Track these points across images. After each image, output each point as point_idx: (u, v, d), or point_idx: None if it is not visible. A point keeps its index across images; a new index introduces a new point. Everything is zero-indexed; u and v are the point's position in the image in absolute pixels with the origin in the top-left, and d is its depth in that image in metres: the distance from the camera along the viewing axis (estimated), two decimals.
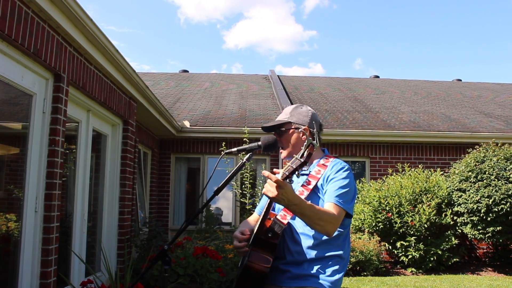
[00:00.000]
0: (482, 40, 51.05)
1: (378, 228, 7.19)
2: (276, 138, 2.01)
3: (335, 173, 1.88)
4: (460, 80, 16.75)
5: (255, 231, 1.84)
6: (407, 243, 6.94)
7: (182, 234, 1.87)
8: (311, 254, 1.85)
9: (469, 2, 45.06)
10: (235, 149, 2.02)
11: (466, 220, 6.86)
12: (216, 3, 59.50)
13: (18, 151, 3.42)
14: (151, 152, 8.11)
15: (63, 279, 3.68)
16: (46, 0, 3.02)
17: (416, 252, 6.86)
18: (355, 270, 6.71)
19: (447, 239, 6.97)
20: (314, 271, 1.83)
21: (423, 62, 58.69)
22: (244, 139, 7.57)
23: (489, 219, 6.51)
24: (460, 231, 7.27)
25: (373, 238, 7.22)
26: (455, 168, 7.41)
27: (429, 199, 7.05)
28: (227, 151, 2.03)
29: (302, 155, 1.63)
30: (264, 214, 1.84)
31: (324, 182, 1.89)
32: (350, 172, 1.90)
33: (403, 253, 7.05)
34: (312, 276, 1.83)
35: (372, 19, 51.18)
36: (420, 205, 6.95)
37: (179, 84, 13.23)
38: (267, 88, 12.86)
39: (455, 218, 7.09)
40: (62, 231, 3.64)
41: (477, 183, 6.73)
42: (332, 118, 9.30)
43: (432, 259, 6.84)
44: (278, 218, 1.85)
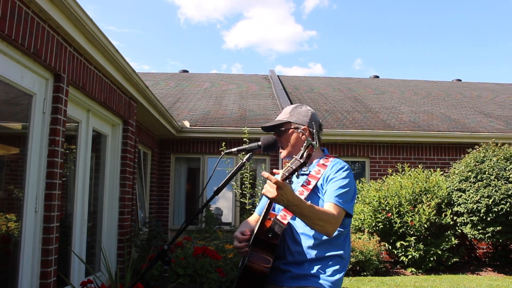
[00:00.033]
0: (482, 40, 51.11)
1: (378, 228, 7.19)
2: (276, 138, 2.01)
3: (334, 173, 1.88)
4: (460, 80, 16.75)
5: (255, 232, 1.84)
6: (407, 243, 6.94)
7: (182, 234, 1.88)
8: (312, 254, 1.85)
9: (468, 2, 45.11)
10: (235, 149, 2.02)
11: (466, 220, 6.86)
12: (216, 3, 59.57)
13: (18, 151, 3.43)
14: (151, 152, 8.11)
15: (63, 279, 3.68)
16: (46, 0, 3.02)
17: (416, 252, 6.86)
18: (355, 270, 6.72)
19: (447, 239, 6.98)
20: (315, 271, 1.83)
21: (423, 62, 58.75)
22: (244, 139, 7.57)
23: (489, 219, 6.51)
24: (460, 231, 7.27)
25: (373, 238, 7.22)
26: (455, 168, 7.41)
27: (429, 199, 7.05)
28: (227, 151, 2.03)
29: (302, 156, 1.64)
30: (264, 215, 1.84)
31: (324, 182, 1.89)
32: (350, 172, 1.90)
33: (403, 253, 7.05)
34: (313, 276, 1.83)
35: (372, 19, 51.23)
36: (420, 205, 6.95)
37: (179, 84, 13.23)
38: (267, 88, 12.86)
39: (455, 218, 7.09)
40: (62, 231, 3.64)
41: (477, 183, 6.73)
42: (332, 118, 9.31)
43: (432, 259, 6.84)
44: (278, 218, 1.85)
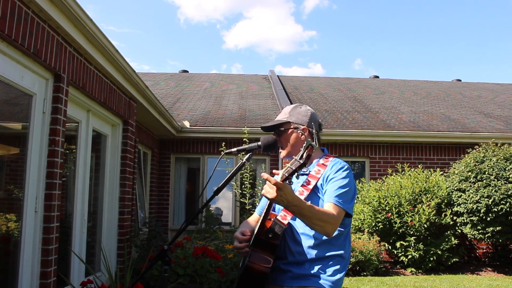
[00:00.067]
0: (481, 40, 51.13)
1: (377, 228, 7.19)
2: (276, 138, 2.01)
3: (334, 172, 1.88)
4: (460, 80, 16.75)
5: (256, 232, 1.84)
6: (407, 243, 6.94)
7: (182, 234, 1.88)
8: (312, 254, 1.85)
9: (468, 3, 45.12)
10: (235, 149, 2.02)
11: (465, 220, 6.87)
12: (216, 4, 59.57)
13: (18, 151, 3.43)
14: (151, 152, 8.11)
15: (63, 279, 3.68)
16: (46, 0, 3.02)
17: (416, 252, 6.86)
18: (354, 270, 6.72)
19: (447, 239, 6.98)
20: (315, 271, 1.84)
21: (423, 62, 58.76)
22: (244, 139, 7.57)
23: (488, 219, 6.51)
24: (459, 231, 7.27)
25: (372, 238, 7.22)
26: (454, 168, 7.41)
27: (428, 199, 7.05)
28: (227, 151, 2.03)
29: (302, 157, 1.64)
30: (264, 215, 1.84)
31: (323, 182, 1.89)
32: (349, 172, 1.90)
33: (403, 253, 7.05)
34: (313, 276, 1.83)
35: (372, 19, 51.23)
36: (420, 205, 6.95)
37: (179, 84, 13.23)
38: (266, 88, 12.86)
39: (454, 218, 7.09)
40: (62, 231, 3.64)
41: (476, 183, 6.73)
42: (332, 118, 9.31)
43: (431, 259, 6.84)
44: (279, 218, 1.85)
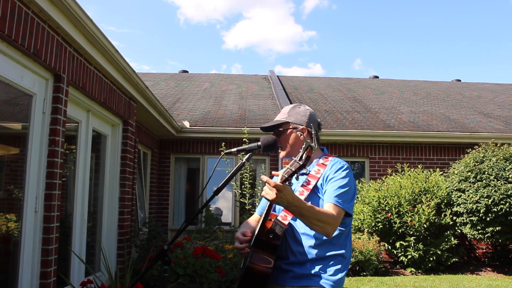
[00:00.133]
0: (481, 40, 51.13)
1: (377, 228, 7.20)
2: (276, 138, 2.02)
3: (334, 172, 1.88)
4: (460, 80, 16.76)
5: (256, 233, 1.84)
6: (407, 243, 6.95)
7: (181, 234, 1.88)
8: (313, 254, 1.85)
9: (468, 3, 45.14)
10: (234, 149, 2.02)
11: (465, 220, 6.87)
12: (216, 4, 59.56)
13: (18, 151, 3.43)
14: (150, 152, 8.11)
15: (63, 279, 3.68)
16: (46, 0, 3.02)
17: (416, 252, 6.87)
18: (354, 270, 6.72)
19: (447, 239, 6.98)
20: (317, 271, 1.84)
21: (423, 62, 58.76)
22: (244, 140, 7.58)
23: (488, 219, 6.52)
24: (459, 231, 7.28)
25: (372, 238, 7.22)
26: (454, 168, 7.42)
27: (428, 199, 7.06)
28: (227, 151, 2.03)
29: (301, 158, 1.64)
30: (265, 216, 1.85)
31: (323, 181, 1.89)
32: (349, 171, 1.91)
33: (403, 253, 7.06)
34: (315, 276, 1.84)
35: (372, 19, 51.24)
36: (420, 205, 6.95)
37: (178, 85, 13.24)
38: (266, 89, 12.87)
39: (454, 218, 7.10)
40: (62, 231, 3.64)
41: (476, 183, 6.74)
42: (332, 118, 9.31)
43: (431, 259, 6.85)
44: (279, 219, 1.86)
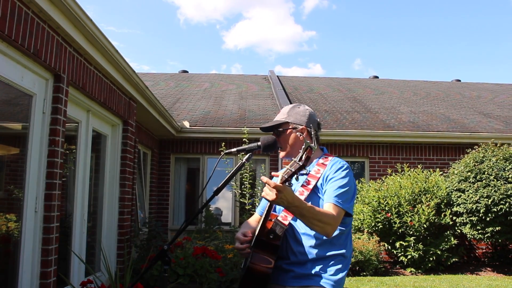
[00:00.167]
0: (481, 40, 51.14)
1: (377, 228, 7.20)
2: (275, 138, 2.02)
3: (334, 172, 1.88)
4: (459, 80, 16.76)
5: (257, 233, 1.85)
6: (406, 243, 6.95)
7: (181, 234, 1.88)
8: (314, 254, 1.86)
9: (468, 3, 45.14)
10: (234, 149, 2.02)
11: (465, 220, 6.87)
12: (216, 4, 59.56)
13: (18, 151, 3.43)
14: (150, 152, 8.11)
15: (63, 279, 3.68)
16: (46, 0, 3.03)
17: (415, 252, 6.87)
18: (354, 270, 6.72)
19: (446, 239, 6.98)
20: (317, 271, 1.84)
21: (423, 62, 58.76)
22: (244, 140, 7.58)
23: (488, 219, 6.52)
24: (459, 231, 7.28)
25: (372, 238, 7.22)
26: (454, 168, 7.42)
27: (428, 199, 7.06)
28: (227, 151, 2.03)
29: (301, 159, 1.64)
30: (265, 216, 1.85)
31: (323, 181, 1.89)
32: (349, 171, 1.91)
33: (402, 253, 7.06)
34: (316, 276, 1.84)
35: (372, 19, 51.24)
36: (419, 205, 6.95)
37: (178, 85, 13.24)
38: (266, 89, 12.87)
39: (454, 218, 7.10)
40: (62, 231, 3.64)
41: (476, 183, 6.74)
42: (332, 118, 9.32)
43: (431, 259, 6.85)
44: (279, 219, 1.86)
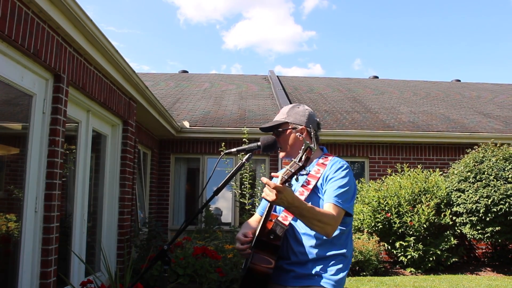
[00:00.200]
0: (481, 41, 51.14)
1: (377, 228, 7.20)
2: (275, 138, 2.02)
3: (334, 172, 1.88)
4: (459, 80, 16.77)
5: (257, 233, 1.85)
6: (406, 243, 6.95)
7: (181, 234, 1.88)
8: (315, 254, 1.86)
9: (468, 3, 45.15)
10: (234, 149, 2.02)
11: (465, 220, 6.87)
12: (216, 4, 59.55)
13: (18, 151, 3.43)
14: (150, 152, 8.11)
15: (63, 279, 3.68)
16: (46, 0, 3.03)
17: (415, 252, 6.87)
18: (354, 270, 6.72)
19: (446, 239, 6.99)
20: (318, 271, 1.84)
21: (422, 62, 58.76)
22: (244, 140, 7.58)
23: (488, 219, 6.52)
24: (459, 231, 7.28)
25: (372, 238, 7.22)
26: (454, 168, 7.42)
27: (428, 199, 7.06)
28: (227, 151, 2.03)
29: (300, 159, 1.64)
30: (265, 216, 1.85)
31: (323, 181, 1.89)
32: (349, 171, 1.91)
33: (402, 253, 7.06)
34: (316, 276, 1.84)
35: (371, 19, 51.25)
36: (419, 205, 6.96)
37: (178, 85, 13.24)
38: (266, 89, 12.87)
39: (454, 218, 7.10)
40: (62, 231, 3.65)
41: (476, 183, 6.74)
42: (332, 118, 9.32)
43: (431, 259, 6.85)
44: (280, 219, 1.86)
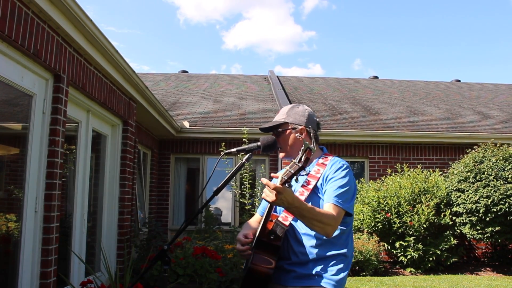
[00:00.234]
0: (481, 41, 51.16)
1: (377, 228, 7.20)
2: (275, 138, 2.02)
3: (333, 172, 1.88)
4: (459, 80, 16.78)
5: (257, 234, 1.85)
6: (406, 243, 6.95)
7: (181, 234, 1.88)
8: (315, 254, 1.86)
9: (468, 3, 45.15)
10: (234, 149, 2.02)
11: (465, 220, 6.88)
12: (216, 4, 59.56)
13: (18, 151, 3.43)
14: (150, 152, 8.11)
15: (63, 279, 3.68)
16: (46, 1, 3.03)
17: (415, 252, 6.87)
18: (354, 270, 6.73)
19: (446, 239, 6.99)
20: (319, 271, 1.84)
21: (422, 62, 58.77)
22: (244, 140, 7.58)
23: (487, 219, 6.52)
24: (459, 231, 7.28)
25: (372, 238, 7.23)
26: (454, 168, 7.42)
27: (428, 199, 7.06)
28: (227, 151, 2.04)
29: (300, 160, 1.63)
30: (266, 217, 1.85)
31: (323, 181, 1.89)
32: (349, 170, 1.91)
33: (402, 253, 7.06)
34: (317, 276, 1.84)
35: (371, 19, 51.26)
36: (419, 205, 6.96)
37: (178, 85, 13.24)
38: (266, 89, 12.87)
39: (454, 218, 7.10)
40: (62, 231, 3.65)
41: (475, 184, 6.74)
42: (331, 118, 9.32)
43: (431, 259, 6.85)
44: (280, 220, 1.86)
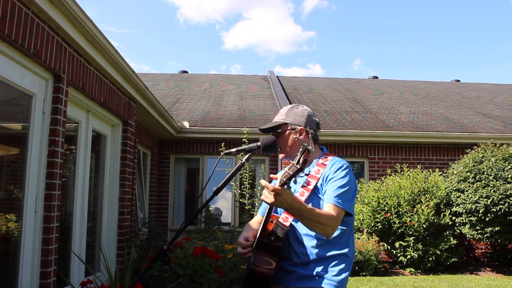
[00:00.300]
0: (481, 41, 51.17)
1: (377, 228, 7.21)
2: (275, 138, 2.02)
3: (333, 172, 1.88)
4: (459, 80, 16.78)
5: (258, 235, 1.85)
6: (406, 243, 6.96)
7: (181, 234, 1.89)
8: (316, 254, 1.86)
9: (468, 3, 45.17)
10: (234, 149, 2.03)
11: (464, 220, 6.88)
12: (215, 4, 59.56)
13: (18, 151, 3.43)
14: (150, 152, 8.12)
15: (63, 279, 3.69)
16: (46, 1, 3.03)
17: (415, 252, 6.88)
18: (353, 270, 6.73)
19: (446, 239, 6.99)
20: (320, 271, 1.84)
21: (422, 62, 58.78)
22: (243, 140, 7.58)
23: (487, 219, 6.53)
24: (458, 231, 7.29)
25: (371, 238, 7.23)
26: (453, 168, 7.43)
27: (427, 199, 7.07)
28: (227, 151, 2.04)
29: (298, 162, 1.64)
30: (266, 218, 1.86)
31: (323, 182, 1.89)
32: (349, 170, 1.91)
33: (402, 253, 7.07)
34: (319, 276, 1.84)
35: (371, 20, 51.27)
36: (419, 205, 6.96)
37: (178, 85, 13.24)
38: (266, 89, 12.87)
39: (453, 218, 7.11)
40: (62, 231, 3.65)
41: (475, 184, 6.75)
42: (331, 118, 9.32)
43: (430, 259, 6.86)
44: (280, 221, 1.86)
